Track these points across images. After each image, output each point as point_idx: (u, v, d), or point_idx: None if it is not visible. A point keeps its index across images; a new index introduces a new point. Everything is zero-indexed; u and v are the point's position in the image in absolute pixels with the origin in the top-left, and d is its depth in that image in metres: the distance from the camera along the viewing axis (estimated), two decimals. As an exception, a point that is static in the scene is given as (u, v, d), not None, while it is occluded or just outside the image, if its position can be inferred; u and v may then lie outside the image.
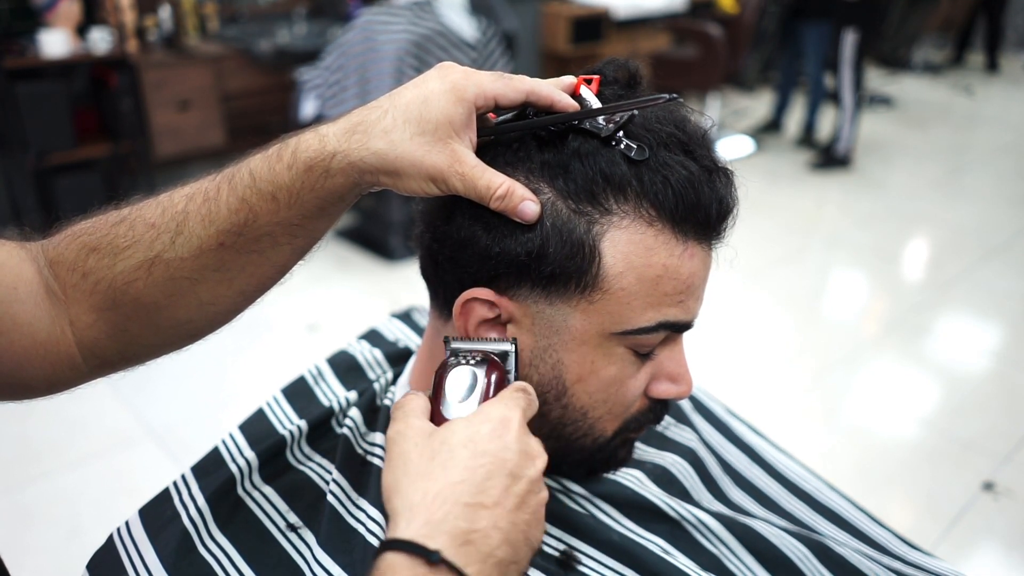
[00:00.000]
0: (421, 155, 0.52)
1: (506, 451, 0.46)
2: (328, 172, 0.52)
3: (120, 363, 0.58)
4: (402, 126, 0.52)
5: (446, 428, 0.48)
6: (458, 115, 0.52)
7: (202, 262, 0.54)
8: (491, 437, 0.46)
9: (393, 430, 0.49)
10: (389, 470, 0.47)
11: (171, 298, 0.54)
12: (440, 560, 0.41)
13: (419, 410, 0.50)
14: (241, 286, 0.56)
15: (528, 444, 0.48)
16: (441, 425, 0.48)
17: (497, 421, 0.47)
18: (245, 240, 0.54)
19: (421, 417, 0.49)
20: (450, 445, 0.46)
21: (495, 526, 0.44)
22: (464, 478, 0.44)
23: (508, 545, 0.44)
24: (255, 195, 0.53)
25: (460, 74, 0.53)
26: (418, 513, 0.43)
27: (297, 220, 0.54)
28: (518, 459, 0.46)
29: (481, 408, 0.49)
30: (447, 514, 0.43)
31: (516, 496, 0.45)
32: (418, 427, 0.48)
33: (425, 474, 0.45)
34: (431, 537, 0.42)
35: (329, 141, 0.53)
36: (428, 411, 0.50)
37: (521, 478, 0.46)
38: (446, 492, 0.44)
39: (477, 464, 0.45)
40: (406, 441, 0.47)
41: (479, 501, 0.44)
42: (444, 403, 0.51)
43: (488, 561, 0.43)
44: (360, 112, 0.54)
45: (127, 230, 0.54)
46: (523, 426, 0.48)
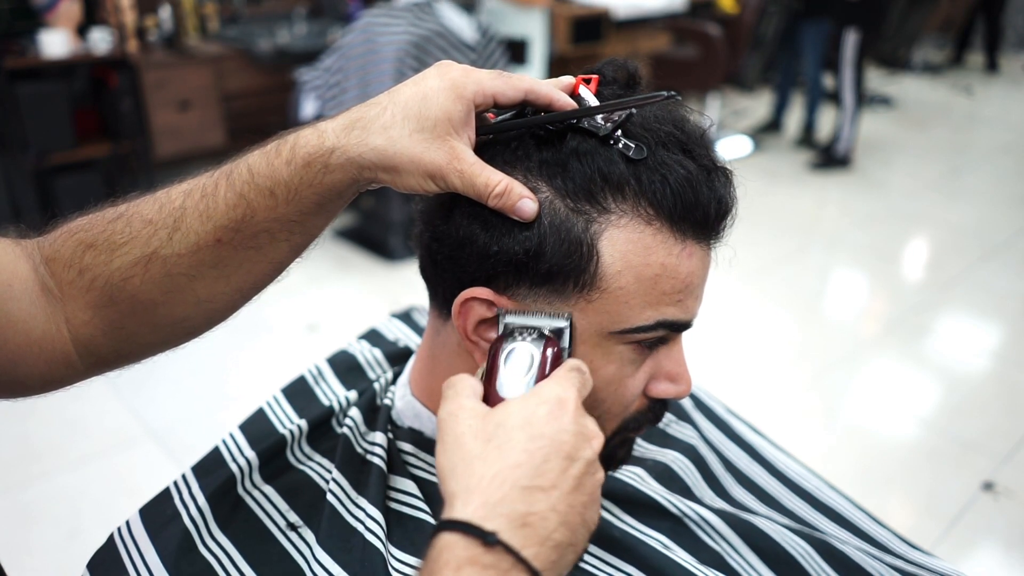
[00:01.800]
0: (420, 152, 0.52)
1: (563, 433, 0.45)
2: (327, 168, 0.52)
3: (116, 361, 0.58)
4: (401, 123, 0.52)
5: (501, 410, 0.47)
6: (457, 112, 0.52)
7: (199, 258, 0.54)
8: (548, 419, 0.46)
9: (445, 411, 0.48)
10: (443, 452, 0.46)
11: (168, 295, 0.54)
12: (497, 542, 0.41)
13: (470, 390, 0.49)
14: (238, 283, 0.56)
15: (584, 425, 0.47)
16: (495, 406, 0.48)
17: (554, 402, 0.47)
18: (243, 236, 0.53)
19: (473, 398, 0.49)
20: (506, 428, 0.46)
21: (553, 509, 0.43)
22: (521, 461, 0.44)
23: (566, 528, 0.43)
24: (253, 191, 0.53)
25: (459, 72, 0.53)
26: (475, 495, 0.43)
27: (295, 216, 0.54)
28: (575, 441, 0.46)
29: (537, 388, 0.49)
30: (504, 496, 0.43)
31: (573, 478, 0.45)
32: (471, 408, 0.48)
33: (481, 456, 0.45)
34: (488, 519, 0.42)
35: (328, 137, 0.52)
36: (479, 392, 0.50)
37: (578, 460, 0.45)
38: (503, 474, 0.43)
39: (535, 447, 0.45)
40: (459, 423, 0.47)
41: (536, 484, 0.43)
42: (498, 381, 0.50)
43: (546, 544, 0.42)
44: (359, 108, 0.54)
45: (124, 226, 0.54)
46: (579, 406, 0.48)
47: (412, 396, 0.68)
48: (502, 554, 0.41)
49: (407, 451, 0.66)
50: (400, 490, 0.63)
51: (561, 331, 0.54)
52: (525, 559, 0.41)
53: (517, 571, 0.41)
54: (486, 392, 0.50)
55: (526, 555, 0.41)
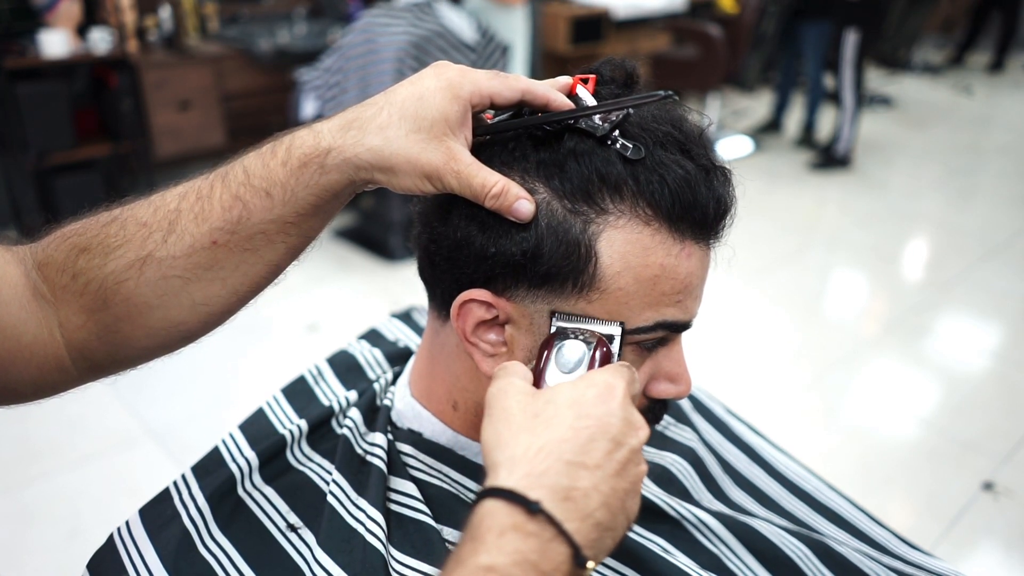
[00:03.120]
0: (416, 152, 0.52)
1: (611, 416, 0.46)
2: (323, 168, 0.52)
3: (110, 366, 0.57)
4: (398, 123, 0.52)
5: (551, 389, 0.48)
6: (454, 113, 0.52)
7: (195, 260, 0.53)
8: (596, 402, 0.46)
9: (495, 387, 0.49)
10: (490, 424, 0.47)
11: (163, 298, 0.54)
12: (540, 511, 0.41)
13: (521, 372, 0.50)
14: (234, 285, 0.55)
15: (632, 414, 0.47)
16: None
17: (603, 386, 0.47)
18: (239, 238, 0.53)
19: (523, 378, 0.49)
20: (556, 404, 0.46)
21: (596, 488, 0.43)
22: (568, 436, 0.44)
23: (607, 509, 0.43)
24: (249, 192, 0.53)
25: (456, 72, 0.53)
26: (520, 464, 0.43)
27: (291, 218, 0.54)
28: (622, 426, 0.46)
29: (587, 374, 0.49)
30: (549, 468, 0.43)
31: (618, 462, 0.45)
32: (520, 386, 0.48)
33: (528, 429, 0.45)
34: (532, 488, 0.42)
35: (324, 137, 0.52)
36: (530, 376, 0.51)
37: (624, 445, 0.45)
38: (549, 447, 0.44)
39: (582, 425, 0.45)
40: (508, 398, 0.47)
41: (581, 461, 0.43)
42: (547, 375, 0.51)
43: (587, 521, 0.42)
44: (355, 109, 0.53)
45: (118, 229, 0.53)
46: (627, 396, 0.48)
47: (412, 397, 0.68)
48: (544, 524, 0.41)
49: (407, 452, 0.66)
50: (400, 492, 0.63)
51: (612, 337, 0.54)
52: (567, 531, 0.41)
53: (558, 543, 0.41)
54: (536, 380, 0.51)
55: (568, 528, 0.41)
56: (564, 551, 0.41)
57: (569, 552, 0.41)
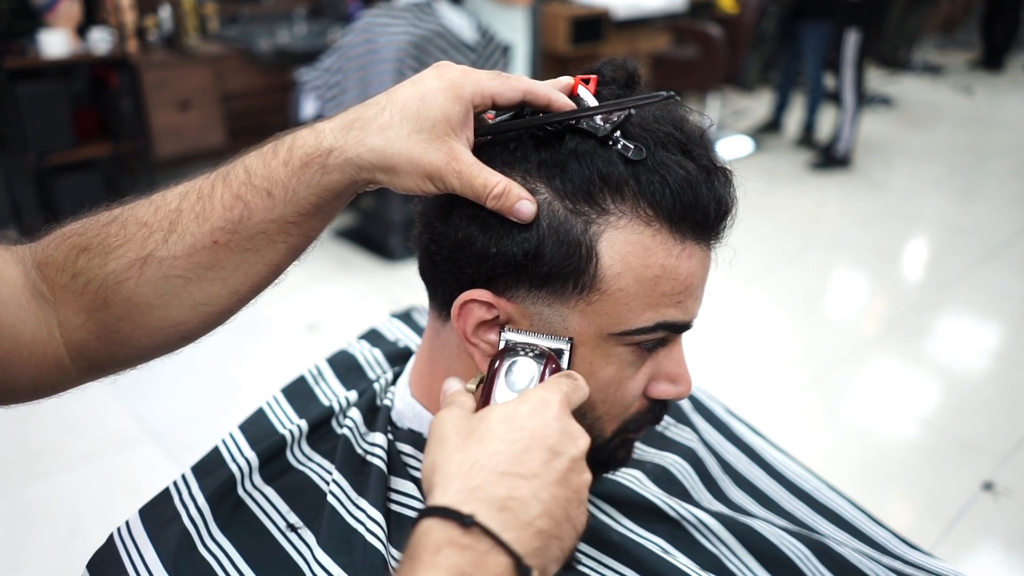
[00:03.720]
0: (418, 152, 0.52)
1: (545, 427, 0.46)
2: (324, 168, 0.52)
3: (110, 366, 0.57)
4: (399, 123, 0.52)
5: (485, 410, 0.48)
6: (456, 113, 0.52)
7: (195, 260, 0.53)
8: (530, 415, 0.46)
9: (435, 419, 0.49)
10: (428, 453, 0.47)
11: (163, 298, 0.54)
12: (473, 523, 0.41)
13: (465, 404, 0.50)
14: (235, 285, 0.55)
15: (569, 424, 0.47)
16: None
17: (536, 401, 0.48)
18: (240, 238, 0.53)
19: (464, 407, 0.50)
20: (488, 421, 0.46)
21: (535, 496, 0.43)
22: (501, 449, 0.44)
23: (549, 517, 0.43)
24: (250, 192, 0.53)
25: (458, 72, 0.53)
26: (453, 482, 0.43)
27: (293, 218, 0.54)
28: (558, 436, 0.46)
29: (522, 393, 0.49)
30: (483, 481, 0.43)
31: (557, 471, 0.45)
32: (457, 413, 0.49)
33: (461, 448, 0.45)
34: (465, 502, 0.42)
35: (326, 137, 0.52)
36: (471, 405, 0.51)
37: (562, 455, 0.45)
38: (482, 461, 0.44)
39: (515, 437, 0.45)
40: (444, 425, 0.48)
41: (517, 471, 0.43)
42: (495, 394, 0.51)
43: (527, 529, 0.42)
44: (357, 109, 0.53)
45: (119, 229, 0.53)
46: (564, 407, 0.48)
47: (412, 397, 0.68)
48: (479, 536, 0.41)
49: (407, 452, 0.66)
50: (400, 491, 0.63)
51: (561, 352, 0.54)
52: (504, 541, 0.41)
53: (496, 553, 0.41)
54: (483, 403, 0.51)
55: (506, 538, 0.41)
56: (504, 561, 0.41)
57: (510, 562, 0.41)
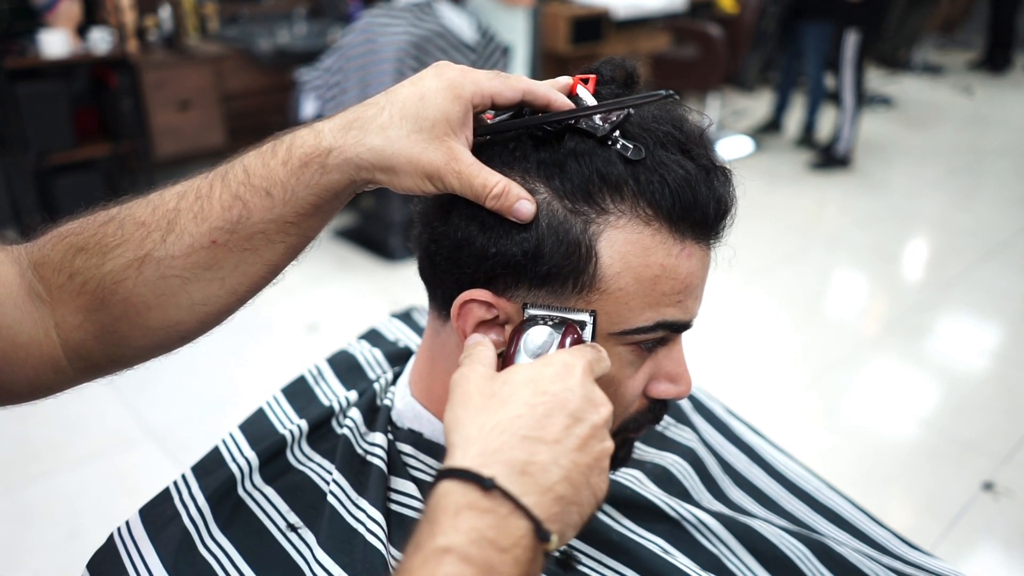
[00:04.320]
0: (418, 152, 0.52)
1: (568, 392, 0.46)
2: (324, 168, 0.52)
3: (107, 366, 0.57)
4: (399, 123, 0.52)
5: (508, 370, 0.48)
6: (455, 113, 0.52)
7: (193, 260, 0.53)
8: (553, 379, 0.46)
9: (458, 374, 0.49)
10: (450, 408, 0.47)
11: (161, 298, 0.54)
12: (494, 486, 0.41)
13: (486, 359, 0.50)
14: (233, 285, 0.55)
15: (592, 391, 0.47)
16: None
17: (560, 365, 0.47)
18: (238, 238, 0.53)
19: (487, 364, 0.50)
20: (512, 384, 0.46)
21: (555, 462, 0.43)
22: (523, 413, 0.44)
23: (568, 483, 0.43)
24: (249, 191, 0.53)
25: (457, 72, 0.53)
26: (474, 444, 0.43)
27: (291, 217, 0.54)
28: (580, 402, 0.46)
29: (546, 355, 0.50)
30: (503, 444, 0.43)
31: (578, 437, 0.44)
32: (481, 371, 0.49)
33: (484, 409, 0.45)
34: (486, 465, 0.42)
35: (325, 137, 0.52)
36: (495, 363, 0.51)
37: (583, 421, 0.45)
38: (504, 424, 0.44)
39: (537, 401, 0.45)
40: (468, 382, 0.48)
41: (538, 435, 0.43)
42: (518, 358, 0.51)
43: (547, 495, 0.42)
44: (357, 109, 0.53)
45: (116, 229, 0.53)
46: (588, 374, 0.48)
47: (412, 397, 0.68)
48: (500, 499, 0.41)
49: (407, 452, 0.66)
50: (400, 491, 0.63)
51: (583, 324, 0.54)
52: (524, 505, 0.41)
53: (516, 517, 0.41)
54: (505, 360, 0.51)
55: (526, 502, 0.41)
56: (524, 525, 0.41)
57: (529, 526, 0.41)
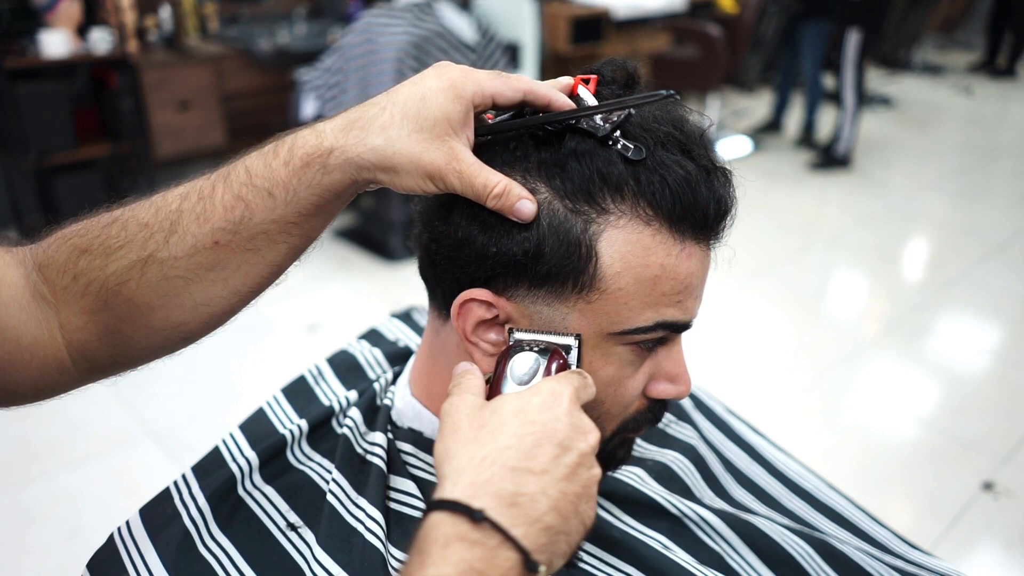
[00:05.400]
0: (419, 152, 0.52)
1: (556, 421, 0.46)
2: (325, 168, 0.52)
3: (111, 367, 0.57)
4: (400, 122, 0.52)
5: (497, 400, 0.48)
6: (456, 113, 0.52)
7: (196, 261, 0.53)
8: (541, 408, 0.47)
9: (447, 403, 0.50)
10: (440, 439, 0.48)
11: (164, 299, 0.54)
12: (484, 518, 0.41)
13: (475, 387, 0.51)
14: (236, 286, 0.55)
15: (580, 419, 0.48)
16: None
17: (548, 394, 0.48)
18: (240, 238, 0.53)
19: (476, 393, 0.50)
20: (501, 414, 0.47)
21: (543, 492, 0.43)
22: (512, 443, 0.45)
23: (557, 513, 0.44)
24: (251, 192, 0.53)
25: (458, 72, 0.53)
26: (464, 475, 0.43)
27: (293, 218, 0.54)
28: (568, 431, 0.46)
29: (534, 384, 0.50)
30: (493, 475, 0.43)
31: (566, 466, 0.45)
32: (471, 400, 0.49)
33: (474, 440, 0.46)
34: (476, 497, 0.42)
35: (326, 137, 0.52)
36: (483, 390, 0.51)
37: (571, 449, 0.46)
38: (494, 455, 0.44)
39: (526, 432, 0.45)
40: (458, 412, 0.48)
41: (526, 466, 0.44)
42: (504, 384, 0.52)
43: (536, 525, 0.43)
44: (358, 109, 0.54)
45: (119, 230, 0.53)
46: (575, 402, 0.48)
47: (412, 396, 0.68)
48: (490, 531, 0.41)
49: (407, 451, 0.66)
50: (400, 490, 0.63)
51: (569, 347, 0.55)
52: (513, 537, 0.41)
53: (505, 548, 0.41)
54: (491, 393, 0.52)
55: (515, 534, 0.41)
56: (513, 557, 0.41)
57: (518, 558, 0.41)
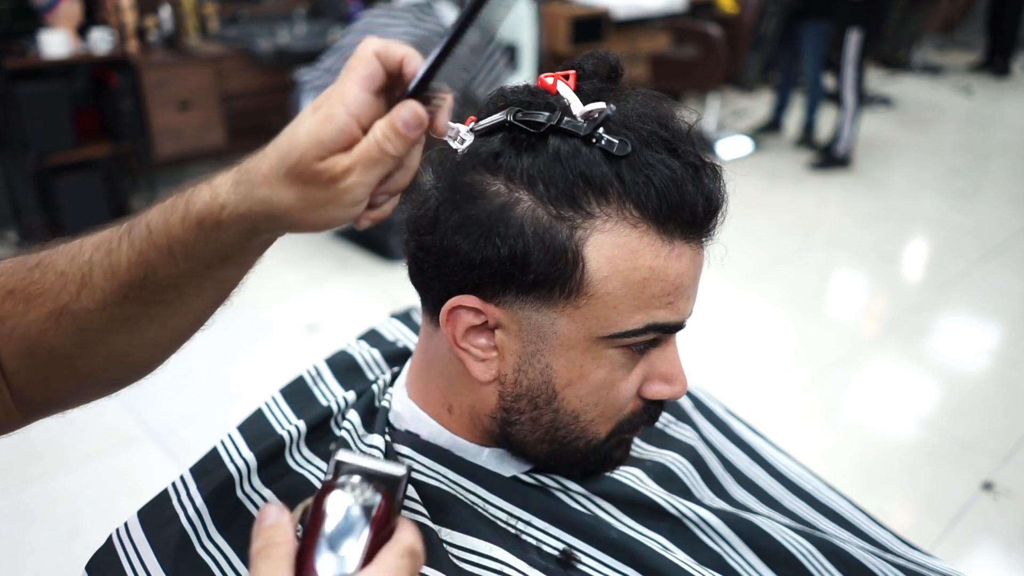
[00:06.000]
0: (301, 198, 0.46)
1: None
2: (219, 225, 0.49)
3: (49, 409, 0.56)
4: (277, 166, 0.46)
5: None
6: (328, 131, 0.45)
7: (109, 315, 0.52)
8: None
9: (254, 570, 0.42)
10: None
11: (82, 348, 0.53)
12: None
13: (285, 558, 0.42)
14: (154, 337, 0.54)
15: None
16: None
17: None
18: (148, 293, 0.52)
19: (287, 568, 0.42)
20: None
21: None
22: None
23: None
24: (151, 249, 0.50)
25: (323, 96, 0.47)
26: None
27: (199, 271, 0.51)
28: None
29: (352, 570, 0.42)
30: None
31: None
32: None
33: None
34: None
35: (220, 192, 0.48)
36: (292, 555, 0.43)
37: None
38: None
39: None
40: None
41: None
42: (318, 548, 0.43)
43: None
44: (251, 158, 0.49)
45: (40, 276, 0.52)
46: None
47: (409, 399, 0.68)
48: None
49: (404, 454, 0.66)
50: (398, 492, 0.63)
51: (397, 481, 0.46)
52: None
53: None
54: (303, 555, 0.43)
55: None
56: None
57: None
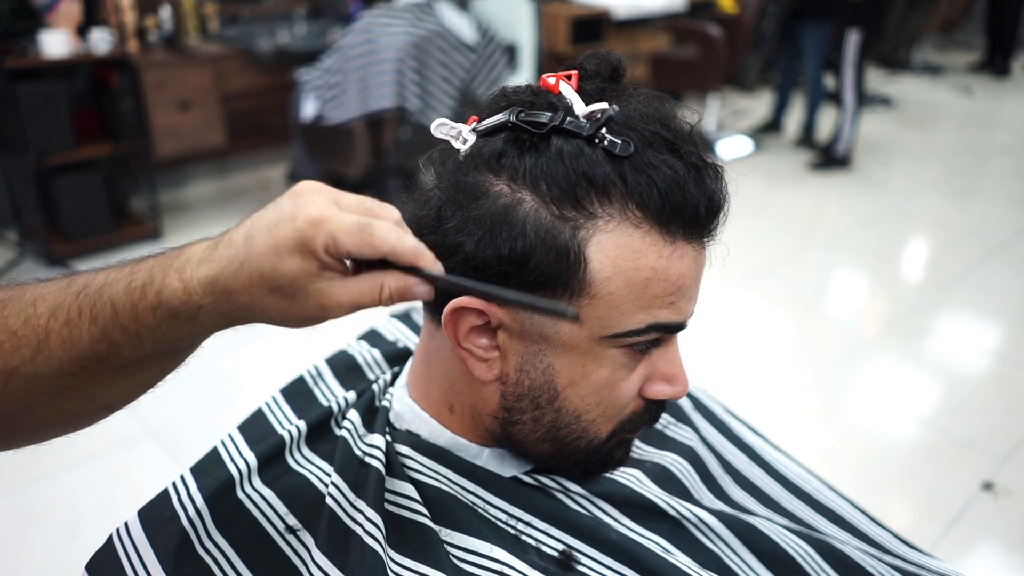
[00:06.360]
0: (286, 308, 0.48)
1: None
2: (194, 320, 0.49)
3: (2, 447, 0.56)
4: (258, 283, 0.47)
5: None
6: (306, 272, 0.47)
7: (62, 382, 0.51)
8: None
9: None
10: None
11: (28, 408, 0.52)
12: None
13: None
14: (106, 401, 0.54)
15: None
16: None
17: None
18: (108, 367, 0.51)
19: None
20: None
21: None
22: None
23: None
24: (118, 331, 0.49)
25: (316, 212, 0.46)
26: None
27: (165, 350, 0.52)
28: None
29: None
30: None
31: None
32: None
33: None
34: None
35: (194, 294, 0.48)
36: None
37: None
38: None
39: None
40: None
41: None
42: None
43: None
44: (219, 262, 0.48)
45: None
46: None
47: (410, 399, 0.68)
48: None
49: (405, 454, 0.66)
50: (398, 493, 0.63)
51: None
52: None
53: None
54: None
55: None
56: None
57: None
